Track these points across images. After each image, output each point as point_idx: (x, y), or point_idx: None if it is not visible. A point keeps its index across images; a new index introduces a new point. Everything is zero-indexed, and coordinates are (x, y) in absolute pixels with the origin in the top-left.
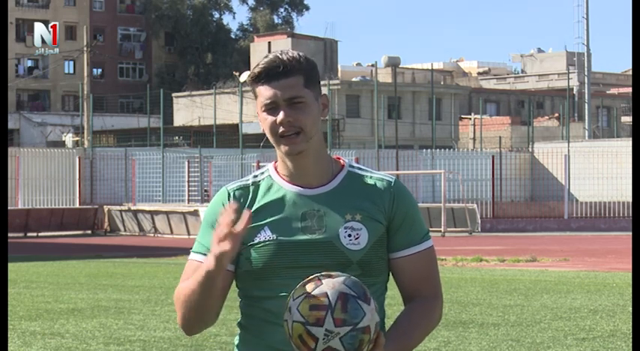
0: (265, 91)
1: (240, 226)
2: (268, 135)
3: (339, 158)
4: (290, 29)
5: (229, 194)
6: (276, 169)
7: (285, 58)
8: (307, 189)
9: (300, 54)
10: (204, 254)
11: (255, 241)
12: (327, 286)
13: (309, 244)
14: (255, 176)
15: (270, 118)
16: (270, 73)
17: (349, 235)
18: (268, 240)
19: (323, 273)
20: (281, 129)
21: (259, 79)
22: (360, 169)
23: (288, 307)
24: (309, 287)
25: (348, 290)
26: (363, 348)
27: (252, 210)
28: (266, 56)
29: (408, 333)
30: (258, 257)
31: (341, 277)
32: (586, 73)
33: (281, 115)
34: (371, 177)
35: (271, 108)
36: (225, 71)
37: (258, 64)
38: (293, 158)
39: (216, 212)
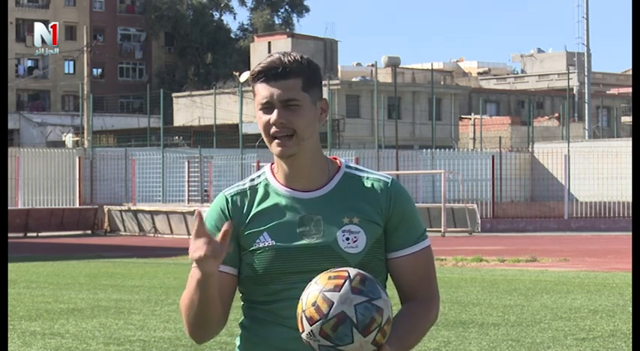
0: (262, 91)
1: (219, 237)
2: (262, 134)
3: (335, 158)
4: (290, 29)
5: (227, 200)
6: (272, 171)
7: (286, 59)
8: (304, 192)
9: (304, 57)
10: None
11: (255, 247)
12: (349, 268)
13: (307, 249)
14: (252, 180)
15: (265, 117)
16: (269, 73)
17: (347, 239)
18: (267, 246)
19: None
20: (273, 129)
21: (258, 77)
22: (356, 169)
23: (308, 285)
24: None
25: (368, 275)
26: (371, 329)
27: (251, 215)
28: (269, 55)
29: (407, 335)
30: (258, 263)
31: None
32: (586, 73)
33: (274, 116)
34: (367, 177)
35: (267, 107)
36: (225, 71)
37: (260, 63)
38: (286, 160)
39: (215, 219)
